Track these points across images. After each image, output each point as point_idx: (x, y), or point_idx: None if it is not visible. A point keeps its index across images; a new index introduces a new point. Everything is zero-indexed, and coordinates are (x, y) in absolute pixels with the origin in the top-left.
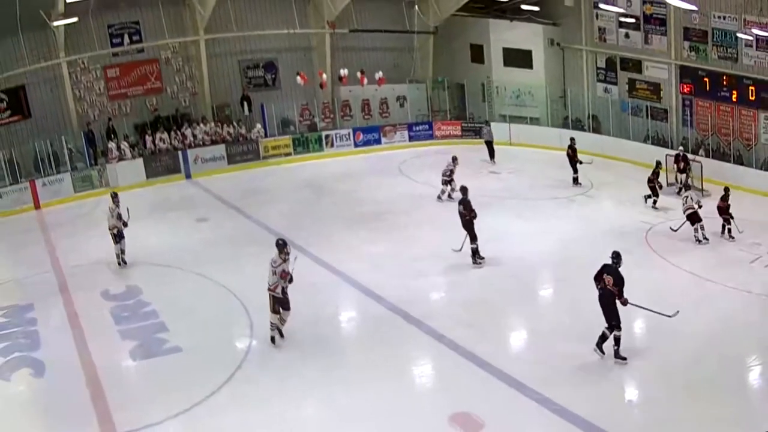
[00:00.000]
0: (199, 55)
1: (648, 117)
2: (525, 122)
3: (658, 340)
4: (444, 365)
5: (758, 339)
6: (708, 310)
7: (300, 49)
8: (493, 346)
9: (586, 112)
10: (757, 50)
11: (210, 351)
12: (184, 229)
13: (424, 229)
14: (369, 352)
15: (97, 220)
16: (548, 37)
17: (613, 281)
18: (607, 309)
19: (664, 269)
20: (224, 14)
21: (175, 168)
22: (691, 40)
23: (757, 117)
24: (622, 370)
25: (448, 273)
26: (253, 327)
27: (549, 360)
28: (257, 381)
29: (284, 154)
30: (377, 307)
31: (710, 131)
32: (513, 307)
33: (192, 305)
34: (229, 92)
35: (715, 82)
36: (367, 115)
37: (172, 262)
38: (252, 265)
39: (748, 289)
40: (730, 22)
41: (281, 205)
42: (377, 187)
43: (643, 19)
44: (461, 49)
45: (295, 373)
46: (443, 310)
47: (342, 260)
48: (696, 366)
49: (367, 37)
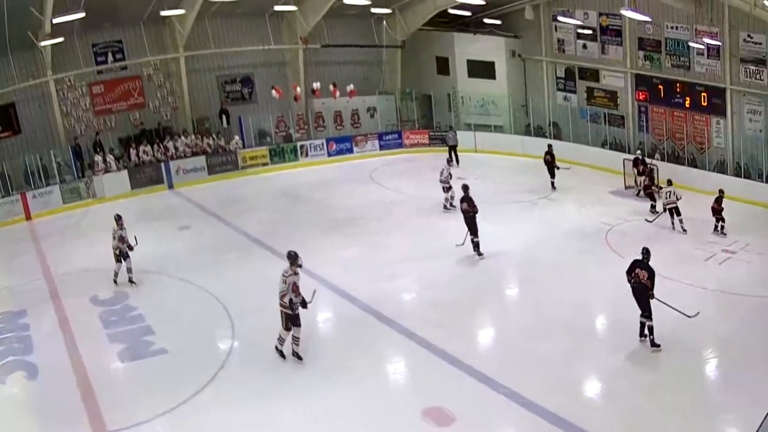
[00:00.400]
0: (180, 72)
1: (606, 123)
2: (489, 130)
3: (620, 335)
4: (416, 363)
5: (714, 333)
6: (665, 307)
7: (275, 64)
8: (463, 343)
9: (547, 119)
10: (708, 58)
11: (194, 352)
12: (168, 237)
13: (394, 234)
14: (344, 351)
15: (84, 230)
16: (510, 49)
17: (647, 275)
18: (640, 301)
19: (624, 267)
20: (202, 32)
21: (158, 179)
22: (646, 50)
23: (710, 122)
24: (584, 365)
25: (418, 275)
26: (234, 329)
27: (516, 356)
28: (239, 380)
29: (261, 164)
30: (351, 308)
31: (665, 136)
32: (481, 307)
33: (176, 309)
34: (208, 106)
35: (669, 89)
36: (340, 125)
37: (156, 268)
38: (232, 271)
39: (703, 285)
40: (682, 32)
41: (259, 213)
42: (350, 194)
43: (599, 30)
44: (427, 62)
45: (274, 372)
46: (414, 310)
47: (317, 264)
48: (656, 360)
49: (338, 52)
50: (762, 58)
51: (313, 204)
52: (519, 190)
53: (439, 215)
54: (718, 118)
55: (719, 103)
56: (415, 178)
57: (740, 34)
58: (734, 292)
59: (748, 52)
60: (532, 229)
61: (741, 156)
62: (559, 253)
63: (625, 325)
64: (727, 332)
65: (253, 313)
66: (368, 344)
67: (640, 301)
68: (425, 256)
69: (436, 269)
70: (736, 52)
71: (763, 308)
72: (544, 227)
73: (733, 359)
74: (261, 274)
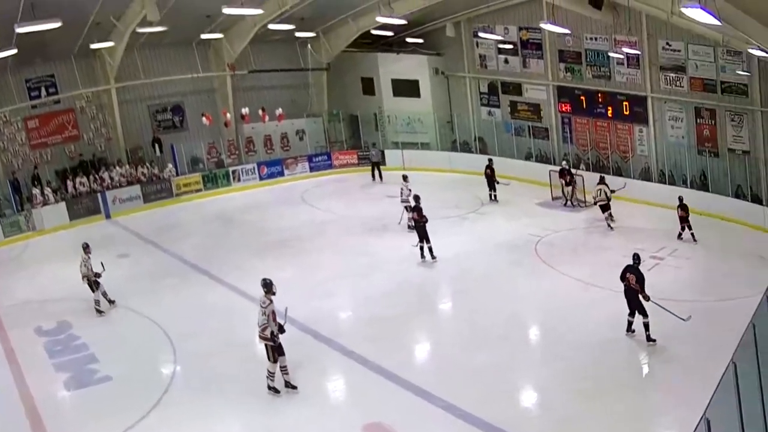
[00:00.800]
0: (111, 103)
1: (530, 136)
2: (416, 147)
3: (553, 345)
4: (355, 379)
5: (645, 339)
6: (597, 314)
7: (204, 91)
8: (400, 358)
9: (473, 134)
10: (628, 68)
11: (138, 378)
12: (107, 265)
13: (326, 253)
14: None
15: (26, 262)
16: (433, 66)
17: (635, 279)
18: (631, 302)
19: (554, 277)
20: (132, 63)
21: (96, 209)
22: (567, 62)
23: (632, 130)
24: (519, 374)
25: (352, 293)
26: (176, 353)
27: (452, 368)
28: (183, 404)
29: (195, 191)
30: (289, 329)
31: (589, 146)
32: (416, 321)
33: (119, 336)
34: (141, 135)
35: (591, 99)
36: (270, 149)
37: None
38: (171, 296)
39: None
40: (602, 42)
41: (194, 238)
42: (282, 216)
43: (520, 44)
44: (353, 83)
45: (217, 395)
46: (351, 327)
47: (253, 286)
48: (590, 367)
49: (265, 77)
50: (681, 65)
51: (246, 227)
52: (448, 206)
53: (371, 233)
54: (641, 126)
55: (641, 111)
56: (346, 197)
57: (659, 42)
58: (664, 297)
59: (668, 59)
60: (462, 242)
61: (665, 163)
62: (490, 266)
63: (557, 335)
64: (658, 337)
65: (192, 337)
66: (307, 363)
67: (630, 303)
68: (358, 274)
69: (369, 286)
70: (655, 60)
71: (693, 312)
72: (475, 241)
73: (665, 363)
74: (199, 298)
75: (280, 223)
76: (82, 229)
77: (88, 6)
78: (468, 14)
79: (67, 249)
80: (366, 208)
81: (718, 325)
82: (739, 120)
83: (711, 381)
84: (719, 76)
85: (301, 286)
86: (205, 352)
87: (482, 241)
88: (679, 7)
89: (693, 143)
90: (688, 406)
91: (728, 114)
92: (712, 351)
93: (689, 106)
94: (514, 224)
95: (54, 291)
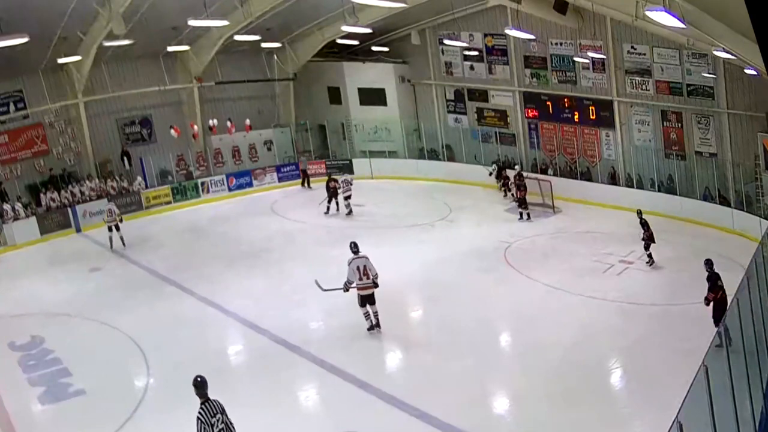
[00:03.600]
0: (80, 117)
1: (498, 142)
2: (384, 156)
3: (522, 351)
4: (327, 389)
5: (616, 343)
6: (568, 320)
7: (171, 103)
8: (372, 367)
9: (440, 142)
10: (594, 72)
11: (112, 391)
12: (79, 279)
13: (297, 262)
14: (257, 381)
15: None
16: (399, 74)
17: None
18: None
19: (524, 284)
20: (100, 77)
21: (66, 223)
22: (532, 68)
23: (599, 135)
24: (491, 381)
25: (324, 302)
26: (149, 366)
27: (424, 376)
28: (157, 416)
29: (165, 203)
30: (261, 339)
31: (556, 151)
32: (387, 330)
33: (92, 350)
34: (110, 149)
35: (558, 105)
36: (238, 160)
37: (70, 310)
38: (143, 309)
39: (603, 296)
40: (567, 47)
41: (165, 250)
42: (252, 227)
43: (486, 51)
44: (320, 93)
45: (191, 406)
46: (323, 336)
47: (224, 297)
48: (562, 373)
49: (232, 88)
50: (647, 69)
51: (217, 238)
52: (416, 213)
53: (340, 242)
54: (608, 131)
55: (607, 115)
56: (315, 207)
57: (624, 46)
58: (634, 301)
59: (633, 63)
60: (431, 250)
61: (632, 166)
62: (460, 273)
63: (529, 341)
64: (629, 341)
65: (165, 348)
66: (280, 374)
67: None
68: (329, 283)
69: (339, 294)
70: (620, 64)
71: (664, 315)
72: (444, 248)
73: (637, 367)
74: (171, 309)
75: (250, 234)
76: (53, 242)
77: (55, 21)
78: (433, 21)
79: (38, 263)
80: (334, 218)
81: (689, 327)
82: (705, 122)
83: (683, 384)
84: (685, 79)
85: (272, 296)
86: (178, 363)
87: (451, 248)
88: (643, 11)
89: (660, 146)
90: (661, 409)
91: (695, 117)
92: (683, 354)
93: (655, 109)
94: (483, 231)
95: (27, 305)
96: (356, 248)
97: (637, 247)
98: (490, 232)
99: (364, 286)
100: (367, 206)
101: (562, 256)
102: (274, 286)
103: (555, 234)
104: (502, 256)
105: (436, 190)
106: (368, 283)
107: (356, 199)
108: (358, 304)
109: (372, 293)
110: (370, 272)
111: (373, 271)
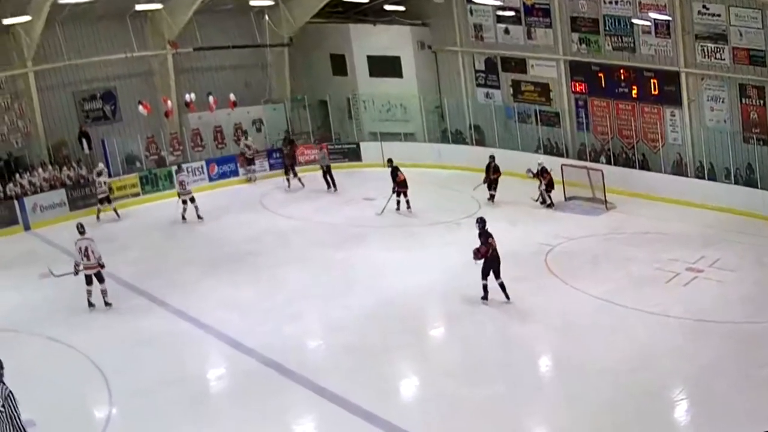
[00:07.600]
0: (29, 90)
1: (538, 123)
2: (399, 139)
3: (565, 377)
4: (327, 421)
5: (681, 369)
6: (622, 340)
7: (140, 74)
8: (379, 395)
9: (467, 122)
10: (656, 37)
11: (66, 423)
12: (26, 287)
13: (291, 267)
14: (241, 411)
15: None
16: (417, 39)
17: None
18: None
19: (569, 296)
20: (54, 41)
21: (12, 219)
22: (581, 31)
23: (662, 114)
24: (527, 414)
25: (324, 315)
26: (111, 392)
27: (442, 406)
28: None
29: (132, 195)
30: (247, 360)
31: (610, 134)
32: (400, 351)
33: (41, 372)
34: (66, 129)
35: (612, 77)
36: (221, 144)
37: (15, 325)
38: (102, 323)
39: (666, 312)
40: (624, 6)
41: (132, 252)
42: (238, 225)
43: (524, 10)
44: (321, 61)
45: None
46: (322, 357)
47: (204, 309)
48: (612, 405)
49: (213, 56)
50: (722, 33)
51: (194, 239)
52: (438, 209)
53: (344, 243)
54: (673, 109)
55: (673, 90)
56: (313, 201)
57: (693, 5)
58: (703, 318)
59: (705, 26)
60: (456, 253)
61: (703, 153)
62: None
63: (574, 365)
64: (697, 367)
65: (130, 372)
66: (270, 402)
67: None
68: (330, 292)
69: (343, 307)
70: (689, 27)
71: (740, 336)
72: (470, 251)
73: (706, 398)
74: (138, 324)
75: (236, 234)
76: None
77: None
78: None
79: None
80: (337, 214)
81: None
82: None
83: (762, 420)
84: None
85: (262, 308)
86: (145, 389)
87: None
88: None
89: (737, 129)
90: None
91: None
92: (763, 383)
93: (732, 83)
94: (520, 231)
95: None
96: (83, 229)
97: (708, 252)
98: (528, 232)
99: (88, 266)
100: (378, 200)
101: (616, 262)
102: (264, 296)
103: (607, 235)
104: (543, 262)
105: (462, 181)
106: (92, 263)
107: (365, 192)
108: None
109: (99, 272)
110: (92, 254)
111: (97, 253)
